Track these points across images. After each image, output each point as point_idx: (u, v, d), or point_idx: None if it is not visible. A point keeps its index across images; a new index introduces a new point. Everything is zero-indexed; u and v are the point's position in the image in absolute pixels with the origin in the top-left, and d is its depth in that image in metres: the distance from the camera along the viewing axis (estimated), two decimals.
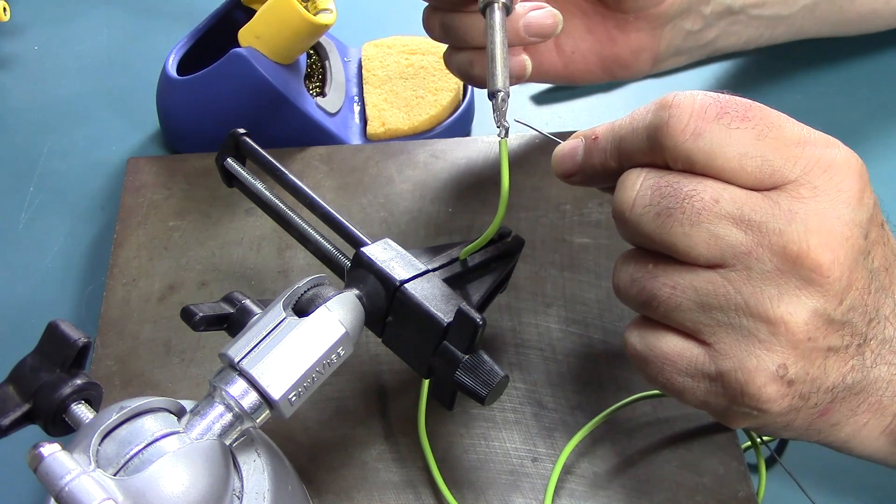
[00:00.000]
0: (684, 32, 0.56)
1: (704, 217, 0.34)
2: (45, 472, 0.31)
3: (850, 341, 0.36)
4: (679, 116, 0.35)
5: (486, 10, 0.44)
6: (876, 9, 0.65)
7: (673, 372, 0.37)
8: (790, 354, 0.34)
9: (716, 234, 0.34)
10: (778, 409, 0.35)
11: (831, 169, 0.34)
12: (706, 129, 0.35)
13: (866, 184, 0.35)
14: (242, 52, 0.57)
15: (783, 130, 0.35)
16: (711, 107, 0.35)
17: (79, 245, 0.60)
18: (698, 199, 0.35)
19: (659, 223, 0.35)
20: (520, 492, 0.45)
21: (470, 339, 0.39)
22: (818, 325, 0.34)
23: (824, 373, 0.35)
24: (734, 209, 0.34)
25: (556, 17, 0.49)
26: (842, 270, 0.34)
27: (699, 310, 0.35)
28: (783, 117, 0.36)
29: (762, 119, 0.35)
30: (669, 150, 0.35)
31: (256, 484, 0.36)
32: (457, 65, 0.52)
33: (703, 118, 0.35)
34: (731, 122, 0.35)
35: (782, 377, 0.35)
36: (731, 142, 0.34)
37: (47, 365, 0.35)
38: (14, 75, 0.71)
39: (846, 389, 0.36)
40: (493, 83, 0.42)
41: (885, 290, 0.37)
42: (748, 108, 0.35)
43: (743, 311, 0.35)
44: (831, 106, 0.67)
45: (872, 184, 0.36)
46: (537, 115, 0.68)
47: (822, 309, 0.34)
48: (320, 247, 0.45)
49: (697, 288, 0.35)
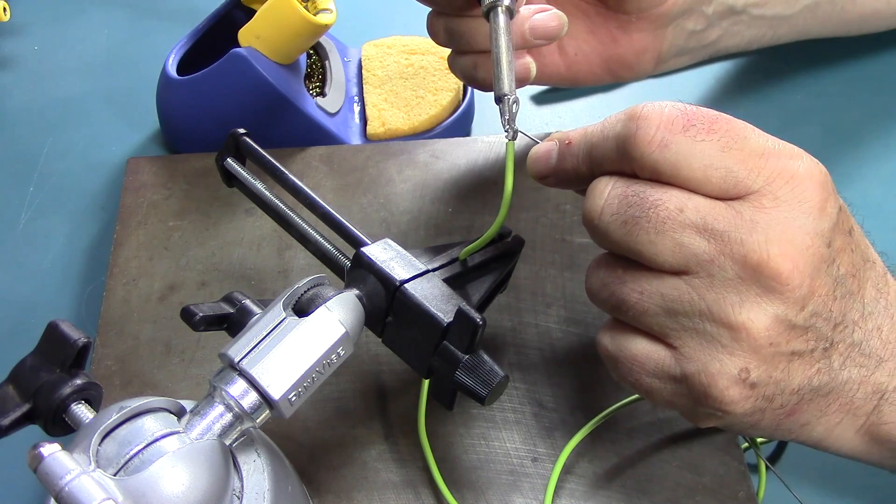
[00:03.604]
0: (687, 33, 0.57)
1: (669, 226, 0.36)
2: (45, 472, 0.31)
3: (814, 346, 0.37)
4: (646, 128, 0.36)
5: (489, 13, 0.44)
6: (878, 9, 0.65)
7: (641, 373, 0.38)
8: (752, 359, 0.36)
9: (680, 243, 0.36)
10: (741, 410, 0.37)
11: (793, 180, 0.35)
12: (672, 141, 0.36)
13: (830, 193, 0.36)
14: (242, 52, 0.58)
15: (748, 142, 0.36)
16: (678, 119, 0.36)
17: (79, 245, 0.60)
18: (663, 209, 0.36)
19: (626, 231, 0.36)
20: (520, 492, 0.45)
21: (470, 339, 0.39)
22: (780, 331, 0.35)
23: (788, 376, 0.36)
24: (698, 218, 0.35)
25: (561, 19, 0.49)
26: (802, 279, 0.35)
27: (665, 315, 0.37)
28: (749, 129, 0.37)
29: (728, 131, 0.36)
30: (637, 161, 0.36)
31: (256, 484, 0.36)
32: (461, 68, 0.52)
33: (669, 130, 0.36)
34: (697, 134, 0.36)
35: (744, 380, 0.36)
36: (696, 153, 0.35)
37: (47, 365, 0.35)
38: (14, 75, 0.71)
39: (813, 391, 0.37)
40: (500, 87, 0.42)
41: (852, 295, 0.37)
42: (714, 120, 0.36)
43: (706, 316, 0.36)
44: (831, 106, 0.67)
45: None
46: (537, 115, 0.68)
47: (782, 315, 0.35)
48: (320, 247, 0.45)
49: (663, 294, 0.36)
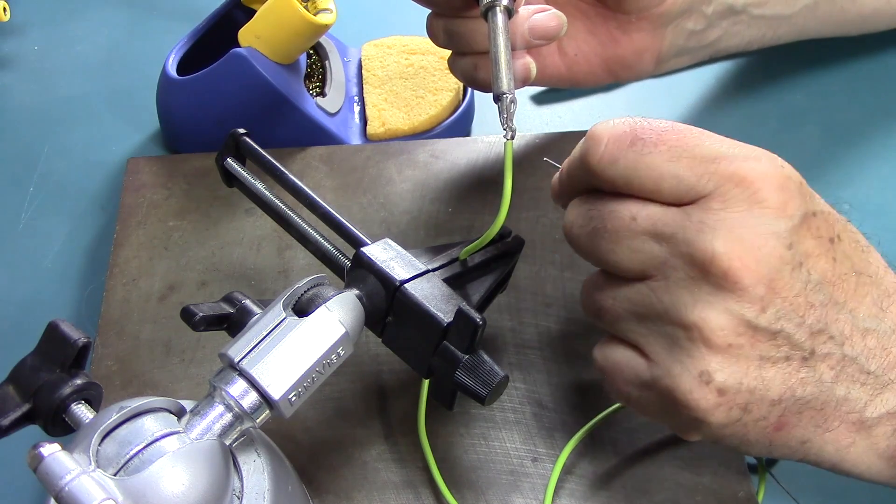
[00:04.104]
0: (687, 32, 0.56)
1: (623, 234, 0.37)
2: (45, 472, 0.31)
3: (789, 353, 0.36)
4: (595, 146, 0.38)
5: (487, 13, 0.44)
6: (877, 9, 0.65)
7: (621, 382, 0.39)
8: (711, 360, 0.36)
9: (635, 248, 0.37)
10: (716, 420, 0.36)
11: (744, 182, 0.36)
12: (620, 156, 0.37)
13: (792, 196, 0.36)
14: (242, 52, 0.57)
15: (699, 149, 0.37)
16: (626, 135, 0.37)
17: (79, 245, 0.60)
18: (618, 218, 0.38)
19: (590, 242, 0.39)
20: (520, 492, 0.45)
21: (470, 339, 0.39)
22: (740, 332, 0.35)
23: (764, 384, 0.36)
24: (649, 224, 0.37)
25: (561, 20, 0.49)
26: (755, 278, 0.35)
27: (635, 320, 0.38)
28: (703, 136, 0.37)
29: (676, 141, 0.37)
30: (595, 177, 0.38)
31: (256, 484, 0.36)
32: (461, 69, 0.52)
33: (617, 146, 0.37)
34: (644, 147, 0.37)
35: (707, 383, 0.36)
36: (643, 166, 0.37)
37: (47, 365, 0.35)
38: (14, 75, 0.71)
39: (799, 403, 0.37)
40: (498, 86, 0.42)
41: (838, 304, 0.37)
42: (662, 132, 0.37)
43: (666, 318, 0.37)
44: (831, 106, 0.67)
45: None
46: (537, 115, 0.68)
47: (738, 314, 0.35)
48: (320, 247, 0.45)
49: (631, 299, 0.38)
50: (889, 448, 0.38)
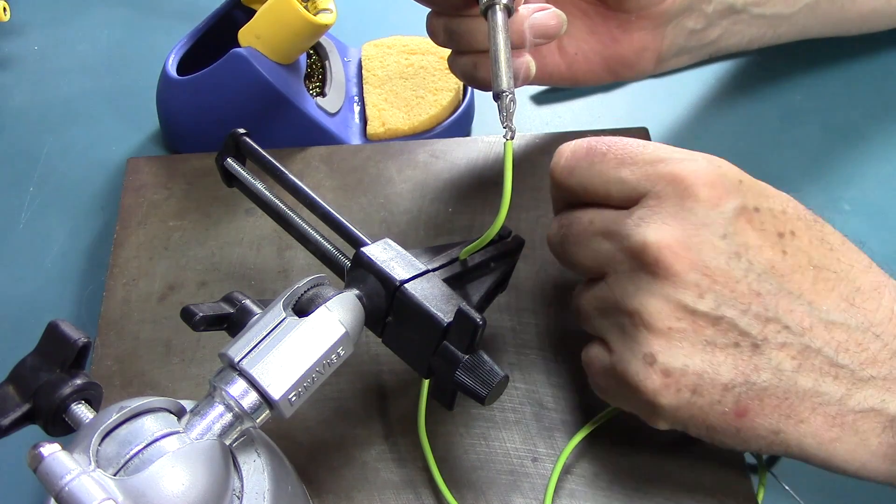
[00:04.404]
0: (687, 31, 0.57)
1: (583, 237, 0.42)
2: (45, 472, 0.31)
3: (738, 339, 0.39)
4: (557, 161, 0.43)
5: (487, 12, 0.44)
6: (877, 8, 0.65)
7: (594, 374, 0.43)
8: (654, 343, 0.39)
9: (593, 249, 0.42)
10: (667, 401, 0.39)
11: (677, 179, 0.39)
12: (576, 167, 0.42)
13: (726, 191, 0.39)
14: (242, 52, 0.57)
15: (641, 155, 0.41)
16: (581, 149, 0.42)
17: (79, 245, 0.60)
18: (579, 223, 0.42)
19: (561, 248, 0.44)
20: (520, 492, 0.45)
21: (470, 339, 0.39)
22: (679, 316, 0.38)
23: (713, 367, 0.39)
24: (602, 226, 0.41)
25: (561, 18, 0.49)
26: (686, 264, 0.38)
27: (601, 316, 0.42)
28: (647, 145, 0.41)
29: (621, 150, 0.41)
30: (559, 189, 0.44)
31: (256, 484, 0.36)
32: (461, 68, 0.52)
33: (574, 158, 0.42)
34: (595, 157, 0.42)
35: (651, 364, 0.39)
36: (595, 173, 0.42)
37: (47, 365, 0.35)
38: (14, 75, 0.71)
39: (756, 389, 0.39)
40: (498, 84, 0.43)
41: (791, 295, 0.39)
42: (611, 144, 0.42)
43: (617, 309, 0.40)
44: (831, 106, 0.67)
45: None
46: (537, 115, 0.68)
47: (675, 299, 0.38)
48: (320, 247, 0.45)
49: (596, 296, 0.42)
50: (882, 445, 0.39)
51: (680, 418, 0.40)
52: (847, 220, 0.60)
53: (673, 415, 0.40)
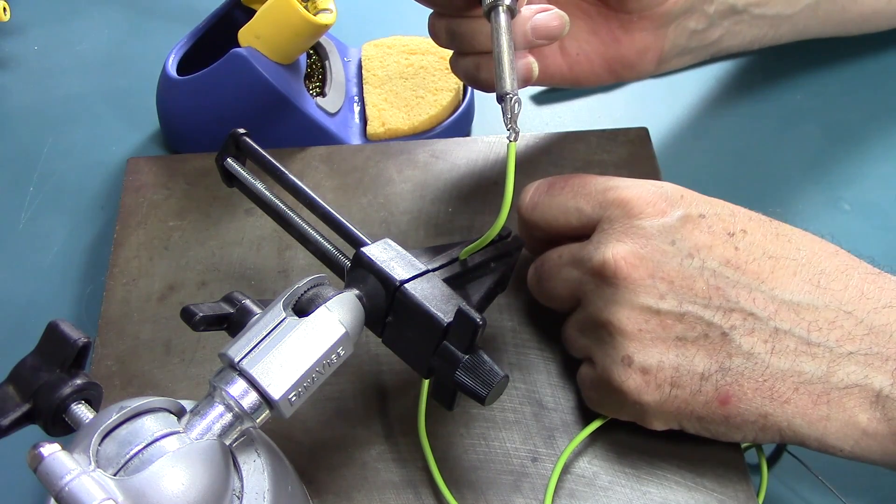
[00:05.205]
0: (688, 32, 0.57)
1: (555, 270, 0.46)
2: (45, 472, 0.31)
3: (706, 330, 0.41)
4: (523, 199, 0.48)
5: (490, 13, 0.44)
6: (878, 8, 0.65)
7: (587, 390, 0.46)
8: (628, 345, 0.42)
9: (563, 279, 0.46)
10: (651, 398, 0.42)
11: (622, 202, 0.44)
12: (539, 202, 0.47)
13: (669, 204, 0.43)
14: (242, 52, 0.58)
15: (593, 185, 0.45)
16: (543, 185, 0.47)
17: (79, 245, 0.60)
18: (550, 259, 0.47)
19: (538, 286, 0.48)
20: (520, 492, 0.45)
21: (470, 339, 0.39)
22: (647, 318, 0.42)
23: (687, 359, 0.42)
24: (569, 257, 0.45)
25: (563, 19, 0.49)
26: (642, 271, 0.42)
27: (582, 336, 0.45)
28: (600, 177, 0.46)
29: (577, 183, 0.46)
30: (527, 226, 0.48)
31: (256, 484, 0.36)
32: (463, 70, 0.52)
33: (536, 195, 0.47)
34: (554, 191, 0.46)
35: (629, 365, 0.42)
36: (555, 205, 0.46)
37: (47, 365, 0.35)
38: (14, 75, 0.71)
39: (733, 374, 0.41)
40: (502, 86, 0.43)
41: (750, 285, 0.41)
42: (568, 179, 0.46)
43: (595, 324, 0.44)
44: (831, 106, 0.67)
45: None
46: (538, 115, 0.68)
47: (639, 303, 0.42)
48: (320, 247, 0.45)
49: (576, 320, 0.46)
50: (871, 421, 0.40)
51: (668, 413, 0.43)
52: (847, 220, 0.60)
53: (660, 411, 0.43)
